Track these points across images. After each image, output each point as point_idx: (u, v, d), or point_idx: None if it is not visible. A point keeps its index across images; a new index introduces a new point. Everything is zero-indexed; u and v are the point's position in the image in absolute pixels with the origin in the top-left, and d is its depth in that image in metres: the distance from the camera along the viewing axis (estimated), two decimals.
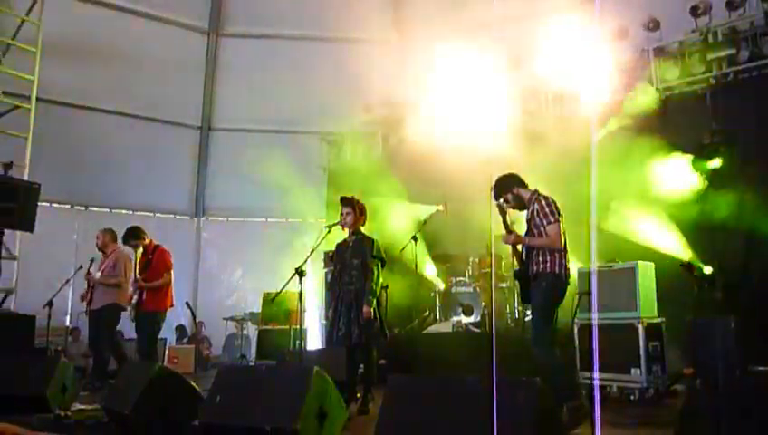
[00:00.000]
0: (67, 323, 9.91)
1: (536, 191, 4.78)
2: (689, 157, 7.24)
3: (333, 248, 5.78)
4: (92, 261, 7.19)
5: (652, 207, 7.19)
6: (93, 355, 7.20)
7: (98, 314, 6.90)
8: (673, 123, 7.61)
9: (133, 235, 6.97)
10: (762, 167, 6.84)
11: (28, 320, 7.40)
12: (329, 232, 5.53)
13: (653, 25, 8.02)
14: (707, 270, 6.73)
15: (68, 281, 7.87)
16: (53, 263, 10.18)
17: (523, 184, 4.84)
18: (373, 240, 5.47)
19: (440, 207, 9.55)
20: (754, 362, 5.49)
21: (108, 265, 7.04)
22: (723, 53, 7.42)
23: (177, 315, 9.26)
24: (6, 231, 8.15)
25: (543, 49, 8.84)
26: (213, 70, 12.44)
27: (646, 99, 7.93)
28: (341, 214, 5.49)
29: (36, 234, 8.41)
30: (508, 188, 4.80)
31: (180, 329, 11.02)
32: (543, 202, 4.64)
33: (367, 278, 5.29)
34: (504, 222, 4.74)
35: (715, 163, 7.13)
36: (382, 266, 5.47)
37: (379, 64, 11.94)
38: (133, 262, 7.04)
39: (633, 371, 5.32)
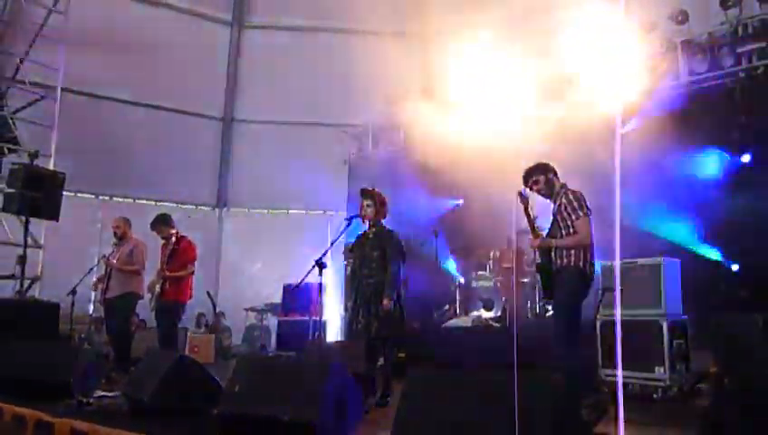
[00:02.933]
0: (90, 311, 10.04)
1: (565, 185, 4.71)
2: (718, 152, 7.10)
3: (354, 241, 5.77)
4: (114, 248, 7.25)
5: (680, 203, 7.06)
6: (113, 343, 7.27)
7: (114, 302, 6.95)
8: (701, 117, 7.46)
9: (164, 221, 6.99)
10: None
11: (52, 308, 7.49)
12: (349, 224, 5.51)
13: (681, 18, 7.86)
14: (735, 267, 6.61)
15: (92, 269, 7.94)
16: (78, 252, 10.31)
17: (556, 174, 4.77)
18: (393, 233, 5.44)
19: (461, 201, 9.50)
20: None
21: (124, 253, 7.07)
22: (753, 46, 7.24)
23: (198, 304, 9.32)
24: (32, 220, 8.27)
25: (569, 41, 8.71)
26: (236, 61, 12.48)
27: (674, 92, 7.79)
28: (362, 206, 5.46)
29: (61, 223, 8.52)
30: (543, 171, 4.71)
31: (201, 317, 11.09)
32: (572, 196, 4.56)
33: (387, 271, 5.26)
34: (527, 215, 4.66)
35: (745, 158, 6.98)
36: (403, 259, 5.44)
37: (402, 56, 11.88)
38: (152, 251, 7.07)
39: (657, 369, 5.22)
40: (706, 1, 7.77)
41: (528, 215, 4.67)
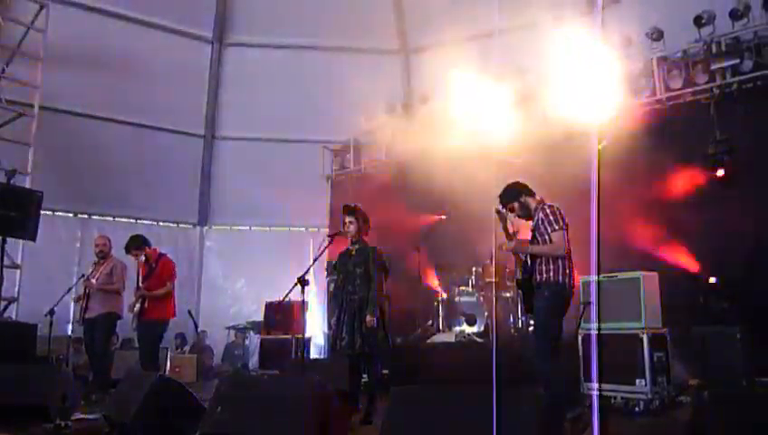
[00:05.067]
0: (69, 332, 9.87)
1: (542, 200, 4.78)
2: (693, 166, 7.22)
3: (336, 258, 5.77)
4: (94, 267, 7.18)
5: (657, 217, 7.16)
6: (92, 364, 7.17)
7: (94, 322, 6.87)
8: (677, 133, 7.60)
9: (135, 244, 6.94)
10: (765, 176, 6.81)
11: (29, 329, 7.36)
12: (332, 241, 5.51)
13: (656, 35, 8.02)
14: (712, 280, 6.70)
15: (70, 289, 7.84)
16: (56, 271, 10.17)
17: (530, 193, 4.84)
18: (376, 249, 5.45)
19: (443, 216, 9.54)
20: (759, 372, 5.45)
21: (104, 272, 7.00)
22: (726, 63, 7.41)
23: (177, 324, 9.21)
24: (9, 240, 8.13)
25: (547, 58, 8.84)
26: (217, 79, 12.46)
27: (650, 108, 7.93)
28: (344, 223, 5.47)
29: (39, 242, 8.39)
30: (515, 196, 4.80)
31: (180, 338, 10.96)
32: (548, 210, 4.63)
33: (370, 288, 5.27)
34: (505, 229, 4.74)
35: (719, 173, 7.11)
36: (385, 276, 5.45)
37: (383, 73, 11.99)
38: (130, 271, 7.02)
39: (638, 381, 5.27)
40: (681, 19, 7.94)
41: (506, 230, 4.75)
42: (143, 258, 6.88)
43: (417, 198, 9.70)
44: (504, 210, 4.80)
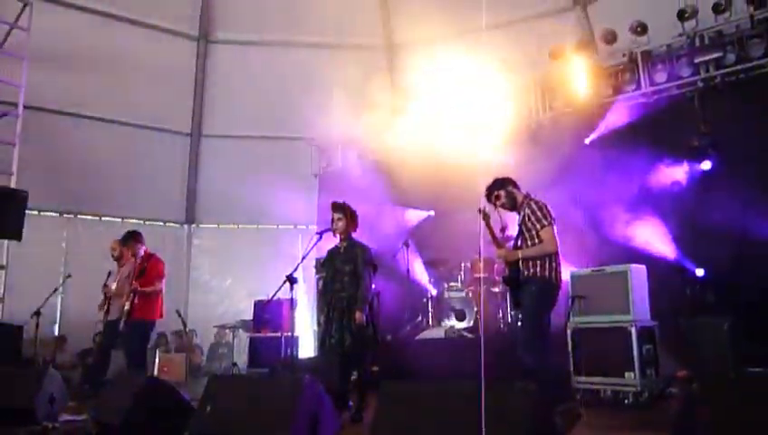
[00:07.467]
0: (56, 333, 9.79)
1: (528, 195, 4.79)
2: (679, 159, 7.27)
3: (325, 255, 5.75)
4: (110, 274, 7.15)
5: (643, 210, 7.21)
6: (94, 365, 7.09)
7: (115, 324, 6.83)
8: (662, 126, 7.64)
9: (135, 237, 6.95)
10: (751, 168, 6.87)
11: (15, 330, 7.31)
12: (320, 239, 5.50)
13: (641, 29, 8.05)
14: (699, 272, 6.75)
15: (56, 290, 7.78)
16: (42, 271, 10.08)
17: (516, 186, 4.86)
18: (364, 246, 5.44)
19: (431, 213, 9.54)
20: (747, 363, 5.49)
21: (123, 275, 7.02)
22: (710, 57, 7.46)
23: (167, 323, 9.12)
24: None
25: (532, 53, 8.86)
26: (202, 76, 12.37)
27: (635, 102, 7.98)
28: (333, 220, 5.46)
29: (24, 242, 8.31)
30: (501, 185, 4.81)
31: (162, 338, 10.82)
32: (535, 206, 4.65)
33: (359, 285, 5.26)
34: (492, 235, 4.74)
35: (705, 165, 7.16)
36: (374, 272, 5.44)
37: (369, 69, 11.96)
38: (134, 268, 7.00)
39: (627, 374, 5.30)
40: (664, 13, 7.97)
41: (490, 229, 4.76)
42: (142, 253, 6.88)
43: (405, 195, 9.69)
44: (488, 206, 4.79)
